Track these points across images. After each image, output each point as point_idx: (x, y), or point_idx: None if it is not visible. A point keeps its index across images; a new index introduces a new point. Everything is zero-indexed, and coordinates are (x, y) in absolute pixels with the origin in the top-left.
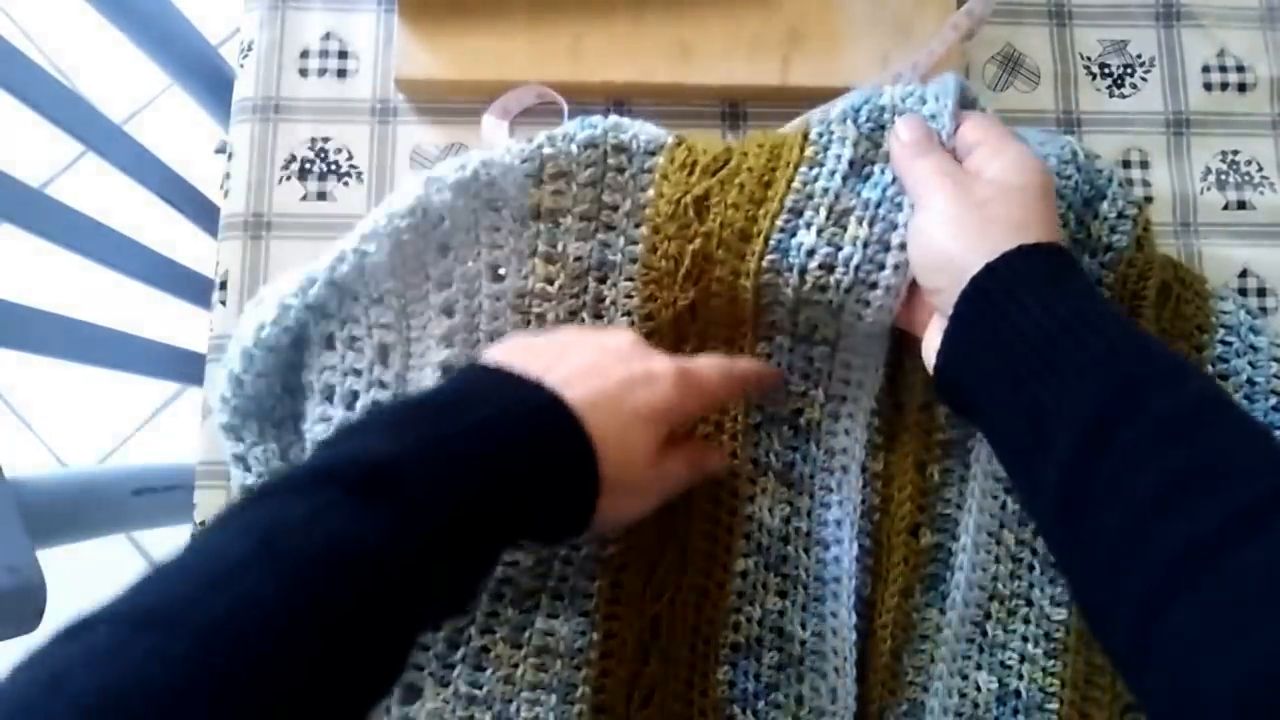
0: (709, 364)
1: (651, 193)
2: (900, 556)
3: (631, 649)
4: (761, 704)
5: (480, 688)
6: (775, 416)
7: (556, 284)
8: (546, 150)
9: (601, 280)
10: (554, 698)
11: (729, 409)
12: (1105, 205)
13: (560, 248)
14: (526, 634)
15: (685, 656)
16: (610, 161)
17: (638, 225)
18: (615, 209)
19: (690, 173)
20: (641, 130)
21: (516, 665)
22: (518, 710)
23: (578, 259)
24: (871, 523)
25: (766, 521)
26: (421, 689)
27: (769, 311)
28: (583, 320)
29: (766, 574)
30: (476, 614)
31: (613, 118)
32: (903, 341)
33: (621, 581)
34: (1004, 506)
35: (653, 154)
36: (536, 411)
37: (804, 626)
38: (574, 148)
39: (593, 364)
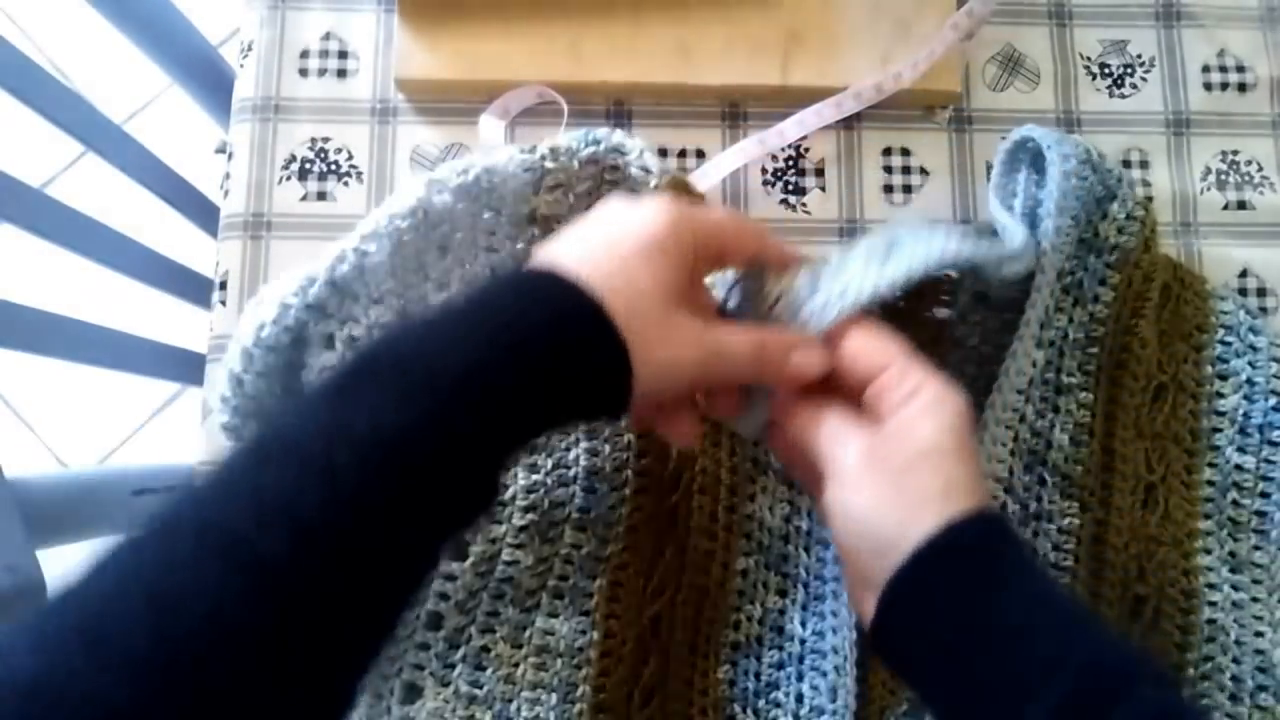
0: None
1: None
2: None
3: (632, 648)
4: (762, 702)
5: (481, 687)
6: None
7: None
8: (549, 165)
9: None
10: (554, 697)
11: None
12: (1115, 206)
13: None
14: (527, 633)
15: (685, 655)
16: (607, 178)
17: None
18: None
19: None
20: (639, 156)
21: (517, 664)
22: (518, 710)
23: None
24: None
25: (767, 520)
26: (422, 688)
27: None
28: None
29: (767, 573)
30: (477, 614)
31: (617, 136)
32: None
33: (621, 581)
34: (1004, 507)
35: (648, 171)
36: (521, 281)
37: (804, 625)
38: (576, 163)
39: (582, 234)
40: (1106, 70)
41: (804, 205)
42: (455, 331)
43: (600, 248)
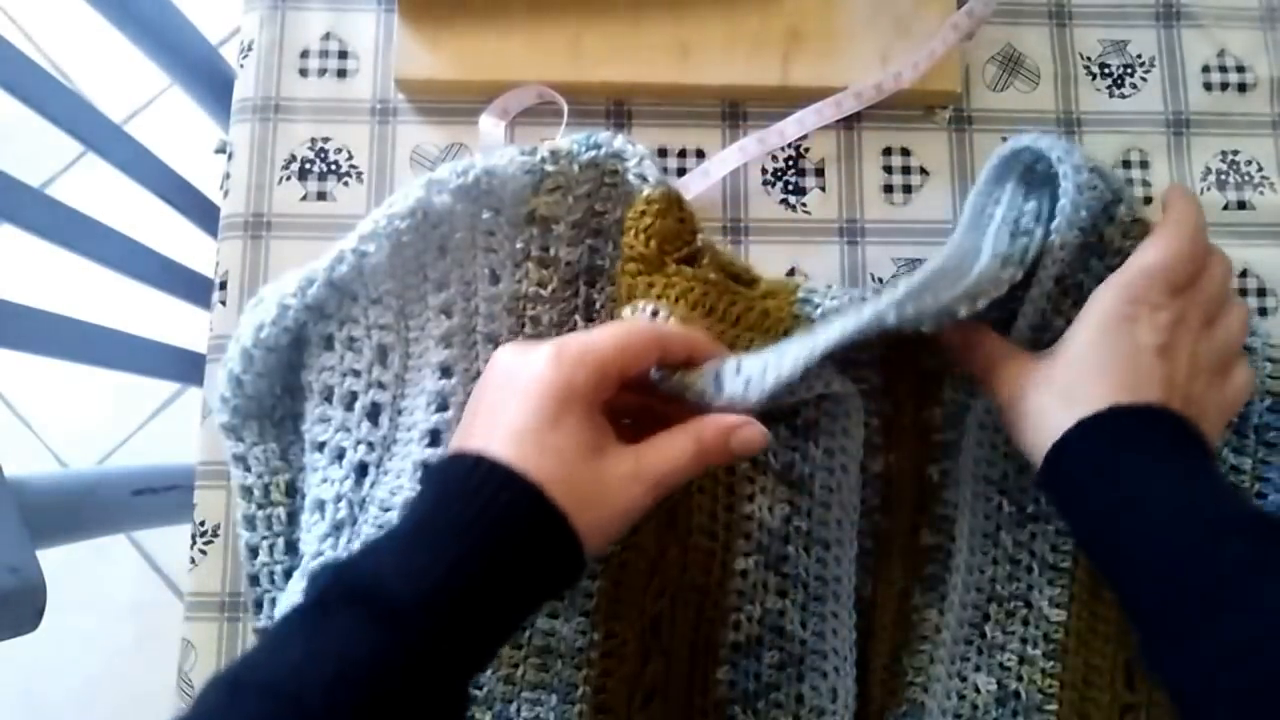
0: (598, 330)
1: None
2: (900, 557)
3: (632, 649)
4: (761, 703)
5: (481, 688)
6: (774, 415)
7: (549, 288)
8: (549, 167)
9: (591, 284)
10: (555, 698)
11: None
12: (1122, 209)
13: (553, 252)
14: (527, 634)
15: (685, 656)
16: (606, 181)
17: (623, 234)
18: (604, 215)
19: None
20: (639, 163)
21: (517, 665)
22: (518, 710)
23: (568, 263)
24: (871, 523)
25: (766, 521)
26: None
27: None
28: (575, 324)
29: (767, 573)
30: None
31: (618, 141)
32: (898, 341)
33: (622, 581)
34: (1000, 508)
35: (644, 179)
36: (464, 483)
37: (804, 626)
38: (576, 167)
39: (491, 411)
40: (1106, 70)
41: (804, 205)
42: (409, 551)
43: (515, 423)
